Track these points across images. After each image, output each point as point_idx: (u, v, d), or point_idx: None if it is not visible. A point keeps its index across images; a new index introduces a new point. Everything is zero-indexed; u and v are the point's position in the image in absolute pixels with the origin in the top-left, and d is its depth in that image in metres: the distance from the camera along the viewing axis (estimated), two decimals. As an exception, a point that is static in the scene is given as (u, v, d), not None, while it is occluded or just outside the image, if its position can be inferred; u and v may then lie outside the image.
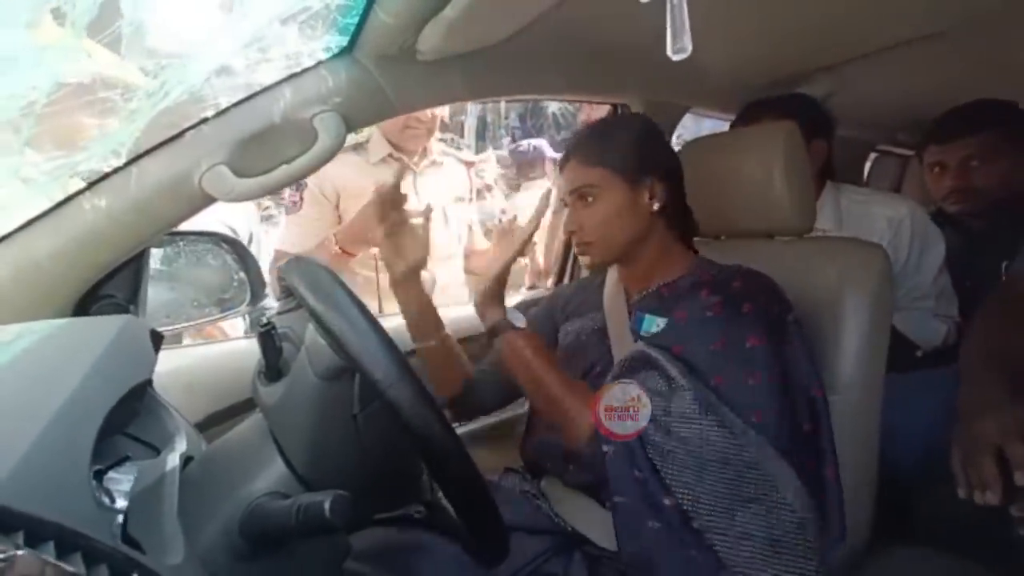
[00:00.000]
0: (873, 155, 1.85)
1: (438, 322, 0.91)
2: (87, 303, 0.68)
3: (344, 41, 0.70)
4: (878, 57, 1.13)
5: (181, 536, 0.40)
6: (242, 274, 0.93)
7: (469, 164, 1.49)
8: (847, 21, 0.95)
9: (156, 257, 0.83)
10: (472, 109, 3.56)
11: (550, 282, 1.41)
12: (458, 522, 0.64)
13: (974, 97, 1.17)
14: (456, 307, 1.28)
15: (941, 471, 0.84)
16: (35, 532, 0.27)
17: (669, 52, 0.43)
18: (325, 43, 0.68)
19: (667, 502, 0.63)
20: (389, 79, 0.74)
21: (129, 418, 0.43)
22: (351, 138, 1.34)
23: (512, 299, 1.27)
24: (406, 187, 1.31)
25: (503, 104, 3.67)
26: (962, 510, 0.89)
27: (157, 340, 0.50)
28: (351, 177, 1.33)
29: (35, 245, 0.62)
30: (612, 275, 0.89)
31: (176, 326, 0.89)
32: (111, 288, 0.71)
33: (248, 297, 0.93)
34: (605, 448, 0.66)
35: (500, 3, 0.63)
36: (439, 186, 1.38)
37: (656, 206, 0.79)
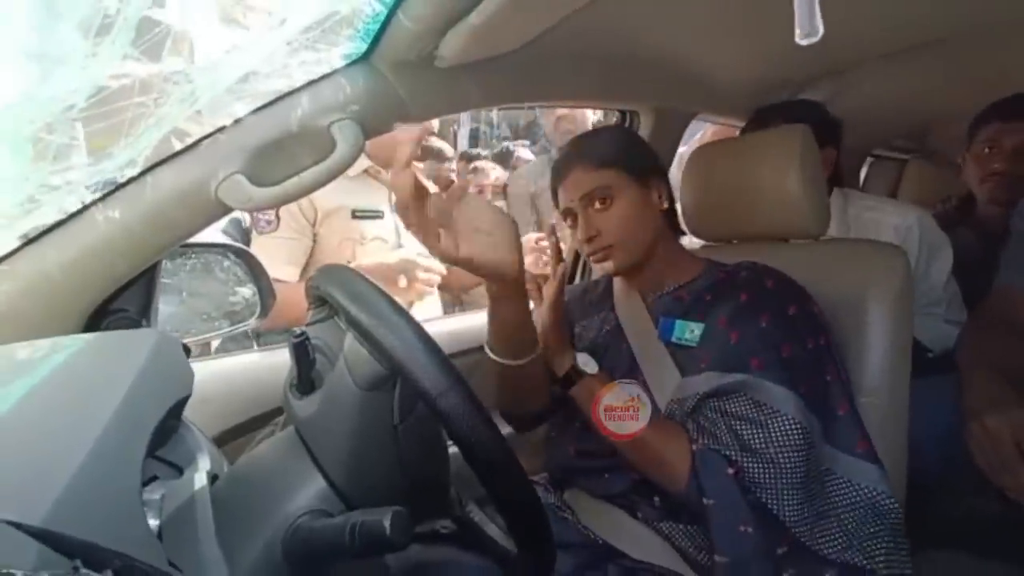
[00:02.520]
0: (869, 160, 1.88)
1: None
2: (98, 317, 0.66)
3: (363, 47, 0.69)
4: (880, 62, 1.15)
5: (222, 560, 0.38)
6: (251, 286, 0.92)
7: (471, 167, 1.48)
8: (852, 27, 0.96)
9: (163, 269, 0.81)
10: (464, 119, 3.57)
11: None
12: (490, 538, 0.62)
13: (972, 102, 1.19)
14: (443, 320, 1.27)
15: (957, 473, 0.85)
16: (93, 560, 0.25)
17: (797, 38, 0.42)
18: (344, 50, 0.67)
19: (781, 551, 0.61)
20: (406, 86, 0.73)
21: (167, 437, 0.41)
22: None
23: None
24: (381, 202, 1.29)
25: (495, 115, 3.69)
26: (980, 512, 0.90)
27: (186, 354, 0.48)
28: (328, 195, 1.20)
29: (47, 257, 0.60)
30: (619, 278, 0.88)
31: (186, 340, 0.86)
32: (123, 302, 0.68)
33: (258, 310, 0.91)
34: (707, 501, 0.63)
35: (523, 9, 0.63)
36: None
37: (665, 205, 0.81)
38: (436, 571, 0.65)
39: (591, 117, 1.79)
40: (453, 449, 0.61)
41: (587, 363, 0.77)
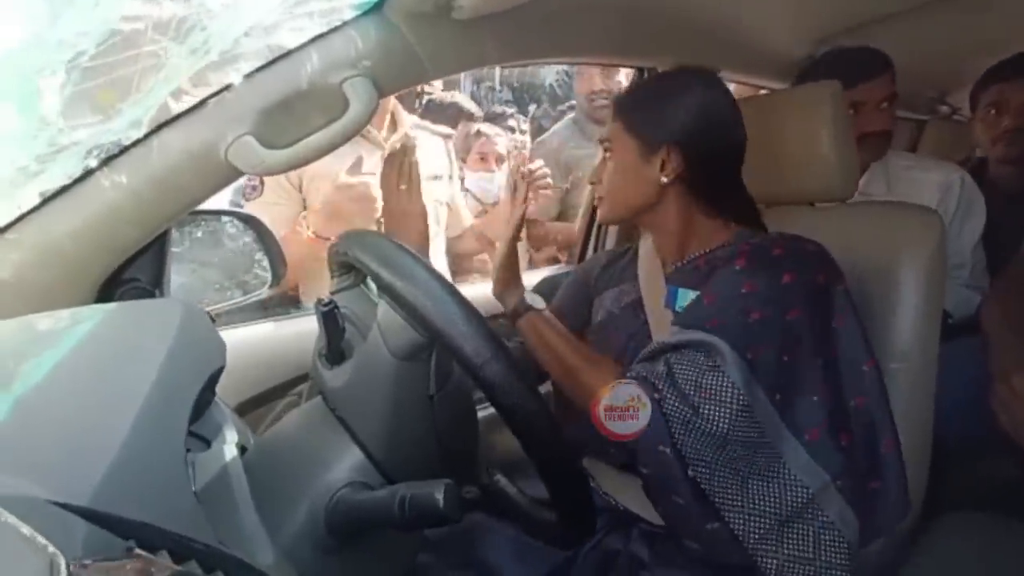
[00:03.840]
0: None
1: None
2: (110, 287, 0.64)
3: (375, -2, 0.64)
4: (901, 18, 1.10)
5: (264, 534, 0.37)
6: (262, 254, 0.89)
7: (447, 137, 1.38)
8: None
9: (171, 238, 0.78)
10: (465, 82, 3.46)
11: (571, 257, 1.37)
12: (519, 505, 0.62)
13: (1005, 55, 1.15)
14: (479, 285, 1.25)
15: (978, 437, 0.85)
16: (145, 540, 0.23)
17: None
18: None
19: (689, 473, 0.61)
20: (421, 40, 0.69)
21: (202, 409, 0.40)
22: None
23: (536, 275, 1.24)
24: (374, 165, 1.21)
25: (497, 75, 3.58)
26: (1000, 474, 0.90)
27: (211, 324, 0.46)
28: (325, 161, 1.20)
29: (55, 226, 0.57)
30: (645, 243, 0.85)
31: (200, 311, 0.85)
32: (135, 271, 0.66)
33: (270, 278, 0.89)
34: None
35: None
36: None
37: (666, 179, 0.73)
38: (466, 537, 0.65)
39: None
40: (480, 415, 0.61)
41: (534, 300, 0.79)
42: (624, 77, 1.64)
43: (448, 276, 1.37)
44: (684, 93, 0.73)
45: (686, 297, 0.73)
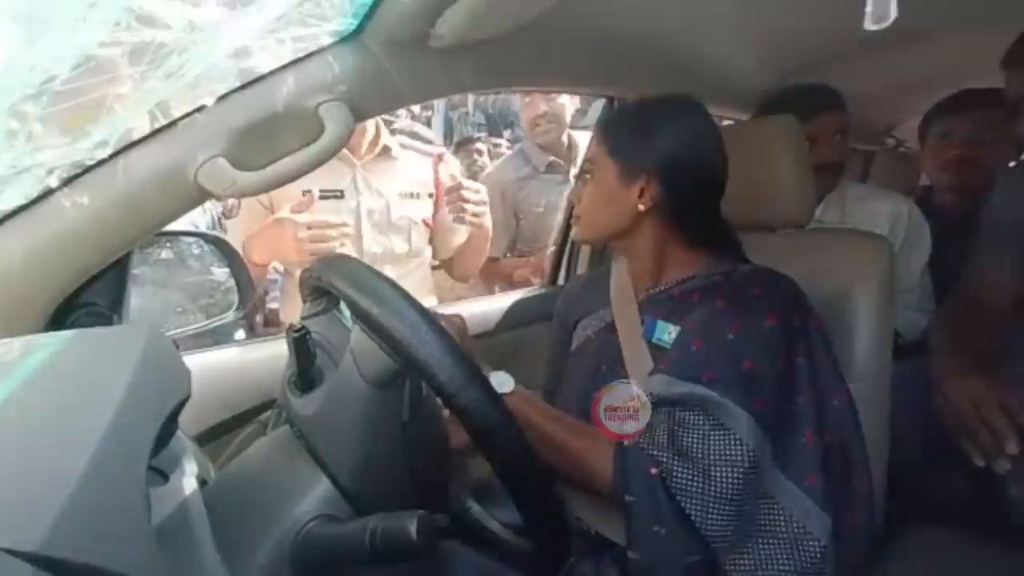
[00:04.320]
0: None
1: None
2: (64, 312, 0.61)
3: (353, 24, 0.65)
4: (853, 57, 1.18)
5: (226, 573, 0.35)
6: (227, 276, 0.87)
7: (438, 156, 1.38)
8: (835, 21, 0.98)
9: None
10: (439, 105, 3.50)
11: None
12: (491, 532, 0.61)
13: (949, 91, 1.24)
14: (471, 302, 1.24)
15: (932, 452, 0.89)
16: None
17: (868, 22, 0.42)
18: (334, 26, 0.63)
19: (692, 559, 0.60)
20: (399, 67, 0.70)
21: (165, 443, 0.38)
22: None
23: (508, 298, 1.24)
24: (347, 183, 1.22)
25: (470, 101, 3.63)
26: (955, 487, 0.94)
27: (175, 351, 0.44)
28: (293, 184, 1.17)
29: (8, 248, 0.54)
30: (618, 266, 0.86)
31: (161, 335, 0.81)
32: (92, 295, 0.63)
33: (236, 301, 0.87)
34: (628, 498, 0.62)
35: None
36: (385, 180, 1.26)
37: (643, 206, 0.73)
38: (438, 566, 0.63)
39: (570, 111, 1.70)
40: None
41: (502, 383, 0.73)
42: (569, 101, 1.67)
43: (430, 297, 1.37)
44: (669, 122, 0.73)
45: (664, 330, 0.73)
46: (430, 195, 1.34)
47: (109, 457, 0.26)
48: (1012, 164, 1.28)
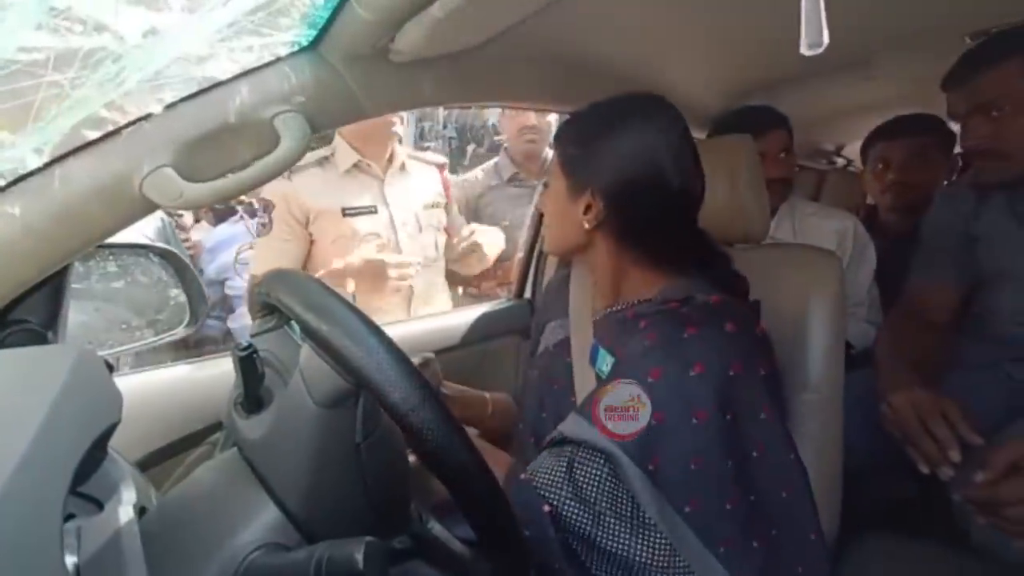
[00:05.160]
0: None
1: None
2: (-6, 330, 0.57)
3: (310, 35, 0.64)
4: (802, 81, 1.24)
5: (158, 607, 0.33)
6: (179, 291, 0.83)
7: (441, 167, 1.44)
8: (784, 46, 1.03)
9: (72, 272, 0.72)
10: (410, 117, 3.48)
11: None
12: (453, 552, 0.59)
13: (892, 115, 1.32)
14: (437, 316, 1.24)
15: (883, 459, 0.92)
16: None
17: (803, 48, 0.43)
18: (290, 36, 0.62)
19: None
20: (358, 79, 0.69)
21: (91, 471, 0.35)
22: (315, 153, 1.27)
23: (476, 310, 1.24)
24: (374, 197, 1.27)
25: (441, 114, 3.64)
26: (905, 494, 0.98)
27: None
28: (319, 193, 1.25)
29: (-72, 261, 0.51)
30: (577, 276, 0.83)
31: (103, 353, 0.77)
32: (24, 311, 0.59)
33: (187, 317, 0.83)
34: (526, 532, 0.56)
35: (486, 5, 0.61)
36: (408, 193, 1.33)
37: (588, 225, 0.68)
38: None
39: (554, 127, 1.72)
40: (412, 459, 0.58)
41: None
42: (556, 117, 1.69)
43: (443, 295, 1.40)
44: (619, 133, 0.66)
45: (604, 360, 0.68)
46: (445, 204, 1.42)
47: (20, 491, 0.24)
48: (946, 184, 1.37)
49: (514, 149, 1.71)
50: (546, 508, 0.58)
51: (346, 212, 1.25)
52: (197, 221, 2.82)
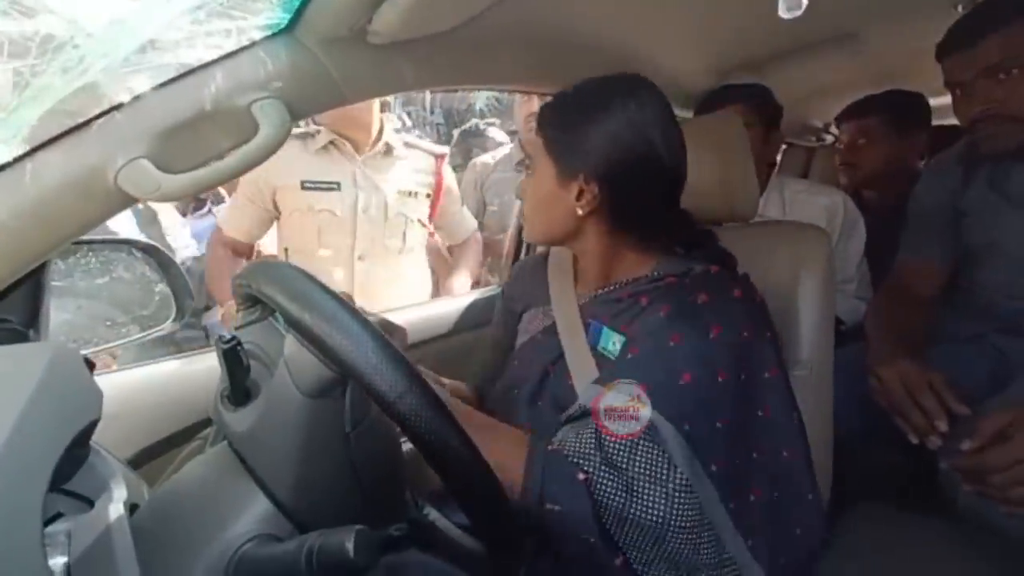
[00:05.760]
0: (783, 147, 2.02)
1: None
2: (-29, 331, 0.56)
3: (285, 19, 0.62)
4: (788, 57, 1.23)
5: (150, 602, 0.33)
6: (163, 286, 0.82)
7: (440, 157, 1.40)
8: (771, 22, 1.02)
9: (53, 270, 0.70)
10: (395, 104, 3.43)
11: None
12: (450, 538, 0.60)
13: (878, 90, 1.32)
14: (426, 304, 1.23)
15: (874, 432, 0.94)
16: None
17: (781, 11, 0.42)
18: (263, 20, 0.60)
19: (617, 562, 0.56)
20: (336, 63, 0.67)
21: (74, 468, 0.35)
22: (302, 129, 1.27)
23: (465, 299, 1.23)
24: (343, 176, 1.27)
25: (428, 99, 3.59)
26: (896, 465, 1.00)
27: (89, 369, 0.41)
28: (285, 166, 1.24)
29: None
30: (556, 261, 0.81)
31: (86, 351, 0.76)
32: (3, 311, 0.58)
33: (173, 312, 0.82)
34: (549, 507, 0.56)
35: (464, -17, 0.60)
36: (384, 177, 1.31)
37: (582, 211, 0.67)
38: (394, 573, 0.61)
39: None
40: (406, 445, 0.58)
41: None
42: None
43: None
44: (607, 114, 0.65)
45: (609, 339, 0.68)
46: (428, 195, 1.37)
47: (1, 484, 0.23)
48: (926, 159, 1.39)
49: (523, 136, 1.71)
50: (581, 476, 0.56)
51: (304, 185, 1.25)
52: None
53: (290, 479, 0.40)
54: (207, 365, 0.86)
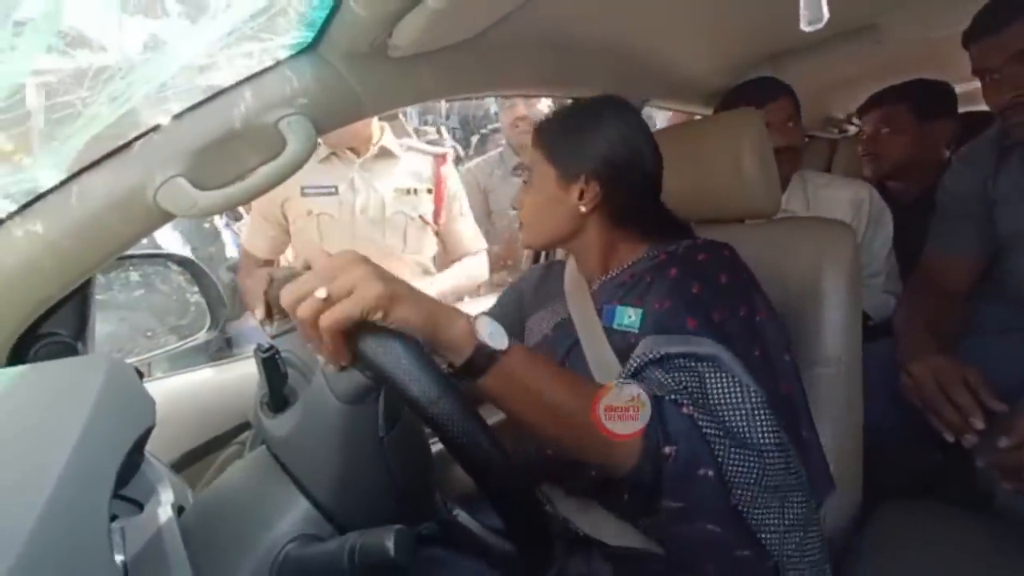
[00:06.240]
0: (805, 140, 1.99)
1: None
2: (26, 345, 0.59)
3: (308, 37, 0.64)
4: (806, 51, 1.22)
5: (202, 600, 0.35)
6: (198, 297, 0.85)
7: (439, 157, 1.42)
8: (789, 16, 1.01)
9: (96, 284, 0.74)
10: (412, 112, 3.48)
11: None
12: (479, 539, 0.61)
13: (900, 79, 1.29)
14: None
15: (904, 428, 0.92)
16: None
17: (803, 24, 0.42)
18: (288, 39, 0.62)
19: (728, 503, 0.57)
20: (358, 78, 0.69)
21: (130, 474, 0.37)
22: None
23: (487, 300, 1.24)
24: (341, 181, 1.30)
25: (443, 107, 3.63)
26: (926, 462, 0.97)
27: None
28: (291, 179, 1.29)
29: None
30: (570, 262, 0.87)
31: (130, 361, 0.79)
32: (54, 324, 0.62)
33: (208, 322, 0.85)
34: (667, 450, 0.55)
35: (482, -6, 0.61)
36: (380, 178, 1.34)
37: (585, 208, 0.74)
38: (427, 573, 0.63)
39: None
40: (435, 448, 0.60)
41: (493, 334, 0.49)
42: (547, 105, 1.72)
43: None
44: (602, 123, 0.75)
45: (624, 314, 0.73)
46: (429, 191, 1.37)
47: (69, 494, 0.25)
48: (953, 149, 1.35)
49: (511, 140, 1.73)
50: (685, 411, 0.57)
51: (304, 191, 1.30)
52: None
53: (328, 481, 0.42)
54: (238, 373, 0.89)
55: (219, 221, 1.97)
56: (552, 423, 0.53)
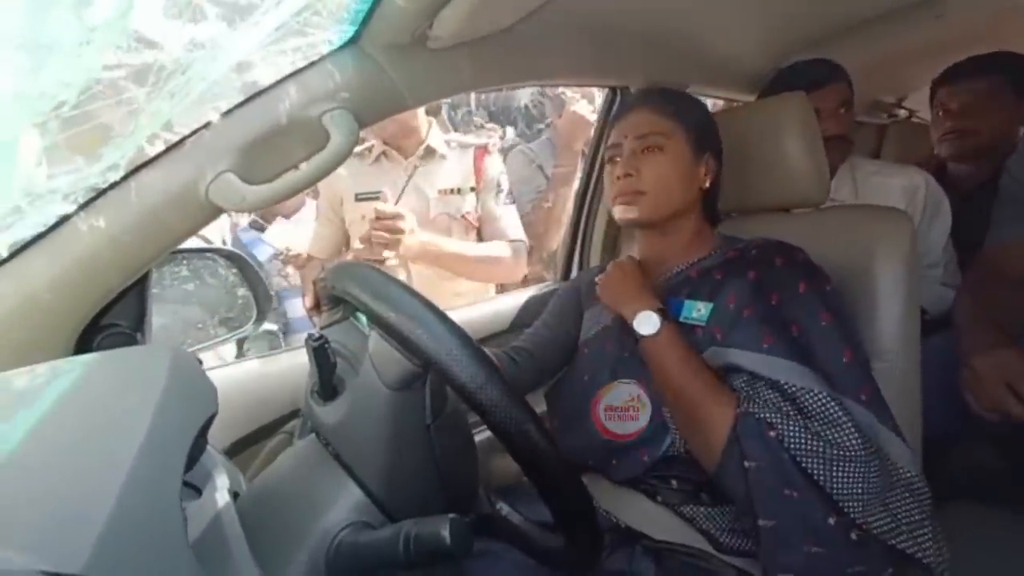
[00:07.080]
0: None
1: None
2: (89, 335, 0.62)
3: (351, 31, 0.65)
4: (854, 32, 1.16)
5: (262, 579, 0.36)
6: (245, 290, 0.88)
7: (480, 148, 1.40)
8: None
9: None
10: (442, 105, 3.48)
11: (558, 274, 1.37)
12: (522, 531, 0.61)
13: (959, 58, 1.21)
14: (486, 302, 1.25)
15: (961, 428, 0.87)
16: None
17: None
18: (331, 34, 0.63)
19: (831, 521, 0.57)
20: (399, 70, 0.70)
21: (195, 459, 0.38)
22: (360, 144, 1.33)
23: (522, 294, 1.24)
24: (390, 184, 1.32)
25: (473, 100, 3.63)
26: (983, 462, 0.92)
27: (198, 367, 0.45)
28: (346, 180, 1.36)
29: (32, 275, 0.55)
30: (636, 253, 0.87)
31: (183, 352, 0.83)
32: (114, 316, 0.64)
33: (254, 314, 0.88)
34: (748, 464, 0.59)
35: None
36: (426, 179, 1.35)
37: (707, 183, 0.80)
38: (471, 565, 0.63)
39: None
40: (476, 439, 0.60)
41: (643, 322, 0.71)
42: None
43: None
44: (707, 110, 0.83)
45: (693, 308, 0.75)
46: (472, 188, 1.38)
47: (143, 477, 0.26)
48: None
49: (565, 138, 1.69)
50: (772, 433, 0.60)
51: (358, 197, 1.35)
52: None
53: (378, 469, 0.43)
54: (284, 364, 0.92)
55: (243, 221, 2.03)
56: (672, 399, 0.68)
